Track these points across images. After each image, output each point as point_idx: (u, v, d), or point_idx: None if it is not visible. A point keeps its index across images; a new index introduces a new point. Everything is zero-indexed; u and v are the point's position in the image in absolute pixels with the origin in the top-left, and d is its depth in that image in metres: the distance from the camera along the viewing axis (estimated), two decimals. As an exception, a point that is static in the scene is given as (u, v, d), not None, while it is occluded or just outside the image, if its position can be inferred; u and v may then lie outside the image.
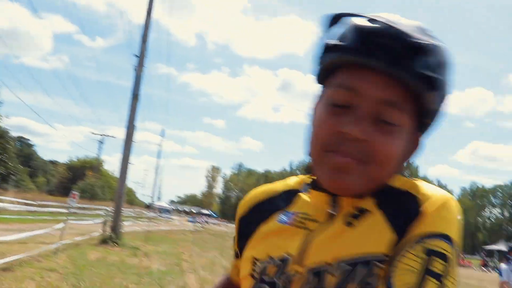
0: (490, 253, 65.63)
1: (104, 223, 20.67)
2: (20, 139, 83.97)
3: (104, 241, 18.18)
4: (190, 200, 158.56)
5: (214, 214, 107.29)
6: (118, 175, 21.01)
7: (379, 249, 1.00)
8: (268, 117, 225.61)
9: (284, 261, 1.09)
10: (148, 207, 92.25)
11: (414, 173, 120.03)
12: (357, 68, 1.02)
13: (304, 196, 1.21)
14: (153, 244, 21.08)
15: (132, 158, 24.46)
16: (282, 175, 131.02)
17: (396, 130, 1.02)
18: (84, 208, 32.04)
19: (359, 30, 1.01)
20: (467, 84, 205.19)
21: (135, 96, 20.17)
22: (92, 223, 23.35)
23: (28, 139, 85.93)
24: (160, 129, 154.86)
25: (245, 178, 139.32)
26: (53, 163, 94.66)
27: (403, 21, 1.02)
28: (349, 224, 1.06)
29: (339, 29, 1.05)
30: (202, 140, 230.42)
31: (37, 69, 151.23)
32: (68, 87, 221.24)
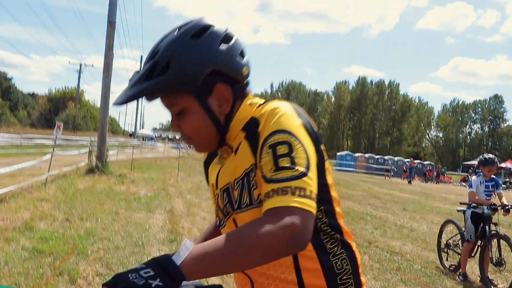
0: (469, 168, 67.24)
1: (90, 153, 21.01)
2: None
3: (91, 170, 18.56)
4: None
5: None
6: (99, 105, 21.11)
7: (248, 162, 1.51)
8: (247, 38, 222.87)
9: (213, 187, 1.72)
10: (132, 135, 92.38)
11: (395, 91, 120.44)
12: None
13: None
14: (139, 171, 21.52)
15: (113, 87, 24.49)
16: (263, 97, 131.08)
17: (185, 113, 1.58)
18: (68, 140, 32.25)
19: None
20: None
21: (111, 23, 19.99)
22: (77, 153, 23.74)
23: (5, 73, 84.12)
24: (139, 55, 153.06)
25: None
26: (33, 95, 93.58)
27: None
28: (235, 153, 1.58)
29: None
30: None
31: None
32: (42, 16, 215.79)
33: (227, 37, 1.53)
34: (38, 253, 6.22)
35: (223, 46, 1.50)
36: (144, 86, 1.43)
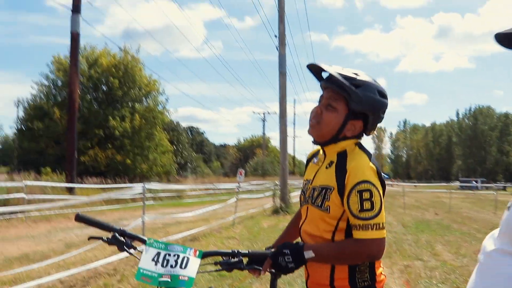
0: None
1: (273, 195, 22.51)
2: (191, 129, 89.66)
3: (275, 211, 19.93)
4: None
5: (386, 175, 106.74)
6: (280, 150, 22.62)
7: (330, 184, 2.34)
8: (429, 67, 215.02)
9: (308, 181, 2.59)
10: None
11: None
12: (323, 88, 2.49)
13: (321, 151, 2.59)
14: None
15: (298, 131, 25.91)
16: (449, 125, 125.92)
17: (333, 110, 2.42)
18: (256, 184, 34.38)
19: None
20: None
21: (282, 74, 21.54)
22: (263, 196, 25.47)
23: (198, 128, 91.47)
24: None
25: (411, 134, 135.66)
26: (224, 146, 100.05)
27: (344, 70, 2.44)
28: (326, 168, 2.46)
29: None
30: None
31: (194, 60, 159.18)
32: (224, 72, 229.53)
33: (385, 110, 2.50)
34: (220, 277, 7.50)
35: (382, 114, 2.47)
36: (336, 76, 2.36)
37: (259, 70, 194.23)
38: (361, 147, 2.46)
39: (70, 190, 21.61)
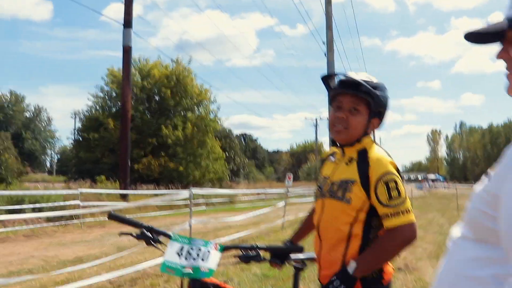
0: None
1: (324, 199, 22.50)
2: (244, 135, 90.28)
3: (324, 214, 19.81)
4: (416, 167, 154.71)
5: (441, 178, 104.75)
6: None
7: (352, 177, 2.48)
8: (486, 68, 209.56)
9: (326, 177, 2.70)
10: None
11: None
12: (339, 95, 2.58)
13: (337, 150, 2.71)
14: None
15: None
16: (507, 126, 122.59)
17: (358, 113, 2.54)
18: (308, 189, 34.44)
19: (339, 81, 2.60)
20: None
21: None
22: (311, 200, 25.47)
23: (251, 134, 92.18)
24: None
25: (468, 136, 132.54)
26: (277, 152, 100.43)
27: (358, 74, 2.60)
28: (346, 164, 2.59)
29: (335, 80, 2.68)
30: (420, 105, 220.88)
31: (246, 68, 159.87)
32: (275, 79, 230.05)
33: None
34: (264, 277, 7.63)
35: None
36: (363, 84, 2.51)
37: (309, 76, 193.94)
38: (377, 144, 2.63)
39: (124, 197, 22.18)
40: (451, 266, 1.41)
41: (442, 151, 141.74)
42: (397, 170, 2.49)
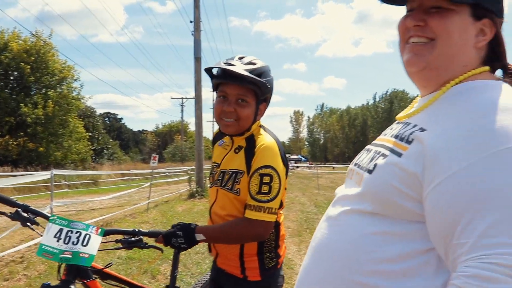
0: None
1: (189, 179, 22.60)
2: (108, 115, 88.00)
3: (191, 195, 20.00)
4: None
5: (303, 158, 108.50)
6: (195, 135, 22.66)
7: (241, 168, 2.51)
8: (349, 52, 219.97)
9: (216, 165, 2.76)
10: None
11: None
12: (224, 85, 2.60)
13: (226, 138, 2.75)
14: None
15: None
16: (365, 108, 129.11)
17: (246, 105, 2.57)
18: (174, 170, 34.34)
19: (221, 70, 2.59)
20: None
21: (197, 59, 21.47)
22: (179, 180, 25.57)
23: (116, 114, 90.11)
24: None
25: (328, 117, 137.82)
26: (142, 132, 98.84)
27: (243, 60, 2.59)
28: (235, 152, 2.63)
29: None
30: (286, 87, 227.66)
31: (112, 45, 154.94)
32: (144, 57, 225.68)
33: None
34: (130, 260, 7.61)
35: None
36: (248, 75, 2.46)
37: (177, 55, 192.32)
38: (265, 129, 2.67)
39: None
40: (342, 243, 1.38)
41: (304, 132, 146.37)
42: (284, 160, 2.53)
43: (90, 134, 47.24)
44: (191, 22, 21.69)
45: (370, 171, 1.40)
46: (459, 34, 1.37)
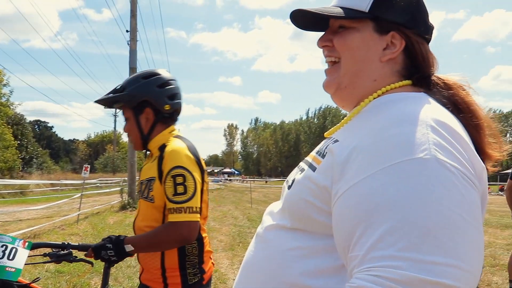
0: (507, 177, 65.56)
1: (121, 191, 22.22)
2: (38, 123, 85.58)
3: (123, 207, 19.64)
4: (213, 160, 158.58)
5: (236, 172, 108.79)
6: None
7: (153, 175, 2.50)
8: (284, 67, 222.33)
9: (139, 178, 2.73)
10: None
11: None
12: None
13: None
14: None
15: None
16: (298, 123, 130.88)
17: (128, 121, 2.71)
18: (105, 182, 33.74)
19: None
20: (485, 9, 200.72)
21: (132, 69, 21.13)
22: (110, 192, 25.07)
23: (46, 122, 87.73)
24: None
25: (261, 132, 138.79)
26: (73, 141, 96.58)
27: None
28: (152, 162, 2.60)
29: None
30: (221, 100, 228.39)
31: (45, 51, 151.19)
32: (78, 65, 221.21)
33: (164, 84, 2.69)
34: (58, 273, 7.38)
35: (157, 88, 2.66)
36: (110, 96, 2.63)
37: (112, 65, 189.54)
38: (179, 137, 2.64)
39: None
40: (269, 255, 1.37)
41: (238, 146, 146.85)
42: (198, 164, 2.53)
43: (19, 142, 45.87)
44: (127, 31, 21.46)
45: (289, 187, 1.39)
46: (361, 50, 1.38)
